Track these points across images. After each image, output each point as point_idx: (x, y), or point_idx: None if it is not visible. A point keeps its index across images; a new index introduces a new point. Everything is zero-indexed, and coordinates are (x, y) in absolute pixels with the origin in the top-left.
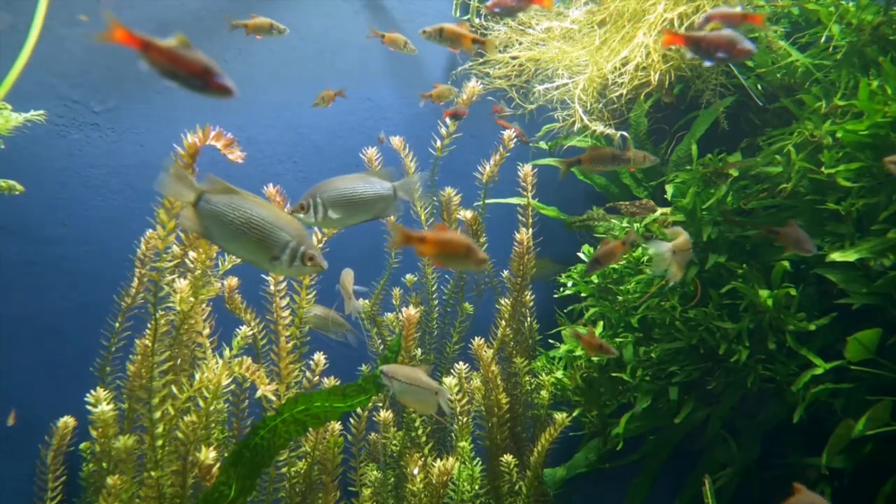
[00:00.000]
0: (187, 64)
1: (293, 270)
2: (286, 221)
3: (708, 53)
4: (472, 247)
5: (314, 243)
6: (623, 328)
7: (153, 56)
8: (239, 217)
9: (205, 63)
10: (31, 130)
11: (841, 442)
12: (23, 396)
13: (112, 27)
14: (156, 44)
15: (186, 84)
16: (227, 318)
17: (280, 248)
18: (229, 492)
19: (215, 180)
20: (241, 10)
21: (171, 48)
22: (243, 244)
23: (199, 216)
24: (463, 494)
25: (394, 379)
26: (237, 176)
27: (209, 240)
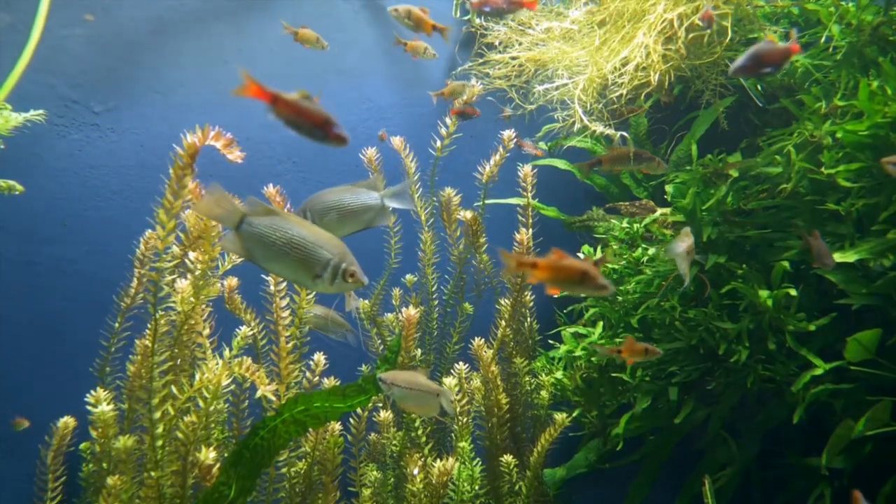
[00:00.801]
0: (311, 116)
1: (335, 287)
2: (326, 239)
3: None
4: (588, 271)
5: (354, 259)
6: (623, 328)
7: (280, 108)
8: (280, 238)
9: (325, 115)
10: (31, 130)
11: (841, 442)
12: (23, 396)
13: (246, 82)
14: (283, 97)
15: (309, 134)
16: (227, 318)
17: (322, 265)
18: (229, 492)
19: (256, 202)
20: (241, 11)
21: (297, 101)
22: (286, 264)
23: (241, 239)
24: (463, 494)
25: (393, 385)
26: (237, 176)
27: (252, 261)
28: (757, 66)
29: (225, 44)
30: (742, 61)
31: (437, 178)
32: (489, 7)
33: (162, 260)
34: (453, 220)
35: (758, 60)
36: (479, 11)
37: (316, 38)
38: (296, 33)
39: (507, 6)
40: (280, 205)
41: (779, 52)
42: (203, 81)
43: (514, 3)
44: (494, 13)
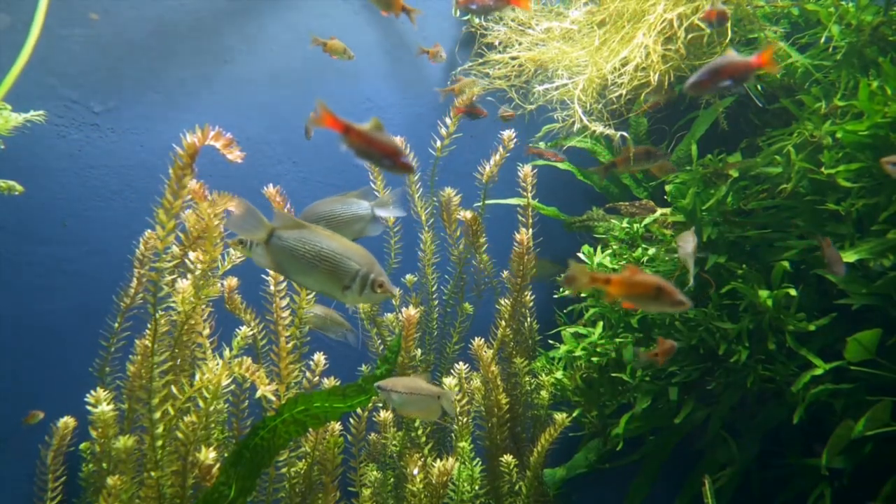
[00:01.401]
0: (381, 146)
1: (364, 298)
2: (355, 251)
3: None
4: (663, 286)
5: (382, 270)
6: (623, 328)
7: (352, 138)
8: (310, 250)
9: (394, 145)
10: (31, 131)
11: (841, 442)
12: (23, 396)
13: (321, 113)
14: (355, 128)
15: (378, 162)
16: (227, 318)
17: (351, 277)
18: (229, 492)
19: (284, 216)
20: (241, 11)
21: (367, 132)
22: (315, 276)
23: (271, 253)
24: (463, 495)
25: (392, 392)
26: (237, 176)
27: (282, 274)
28: (713, 81)
29: (225, 44)
30: (697, 76)
31: (437, 178)
32: (475, 5)
33: (162, 260)
34: (453, 220)
35: (714, 75)
36: (466, 9)
37: (343, 49)
38: (324, 44)
39: (494, 3)
40: (280, 205)
41: (737, 65)
42: (203, 81)
43: (501, 1)
44: (481, 10)
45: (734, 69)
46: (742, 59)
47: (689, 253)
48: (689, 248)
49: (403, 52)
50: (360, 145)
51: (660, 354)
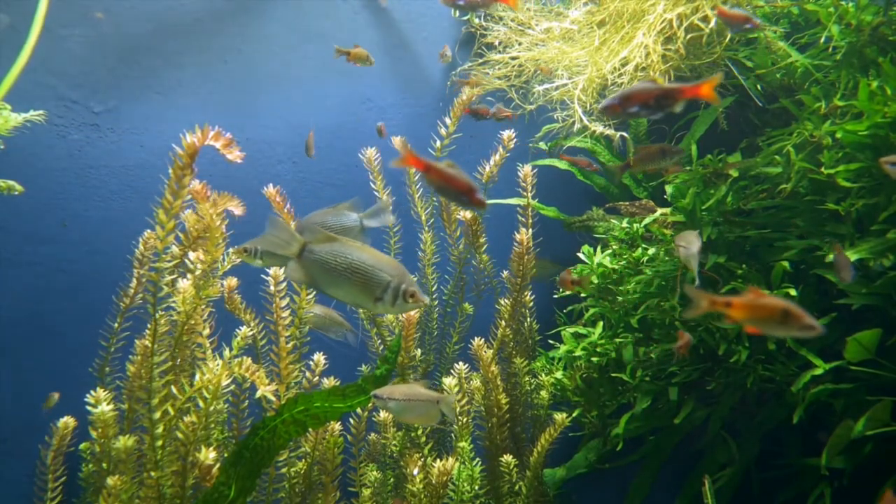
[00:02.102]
0: (457, 183)
1: (396, 308)
2: (385, 262)
3: None
4: (791, 310)
5: (413, 280)
6: (623, 328)
7: (432, 175)
8: (341, 263)
9: (468, 183)
10: (31, 131)
11: (841, 442)
12: (23, 396)
13: (405, 154)
14: (435, 166)
15: (454, 198)
16: (226, 319)
17: (382, 288)
18: (229, 492)
19: (316, 230)
20: (241, 11)
21: (446, 170)
22: (347, 289)
23: (303, 267)
24: (463, 495)
25: (390, 399)
26: (237, 176)
27: (314, 288)
28: (624, 106)
29: (225, 44)
30: (609, 100)
31: None
32: (463, 1)
33: (161, 260)
34: (453, 220)
35: (626, 100)
36: (453, 5)
37: (366, 56)
38: (348, 53)
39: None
40: (280, 205)
41: (651, 93)
42: (203, 81)
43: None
44: (469, 6)
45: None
46: (655, 87)
47: (693, 254)
48: (695, 249)
49: (403, 52)
50: (439, 182)
51: (682, 348)
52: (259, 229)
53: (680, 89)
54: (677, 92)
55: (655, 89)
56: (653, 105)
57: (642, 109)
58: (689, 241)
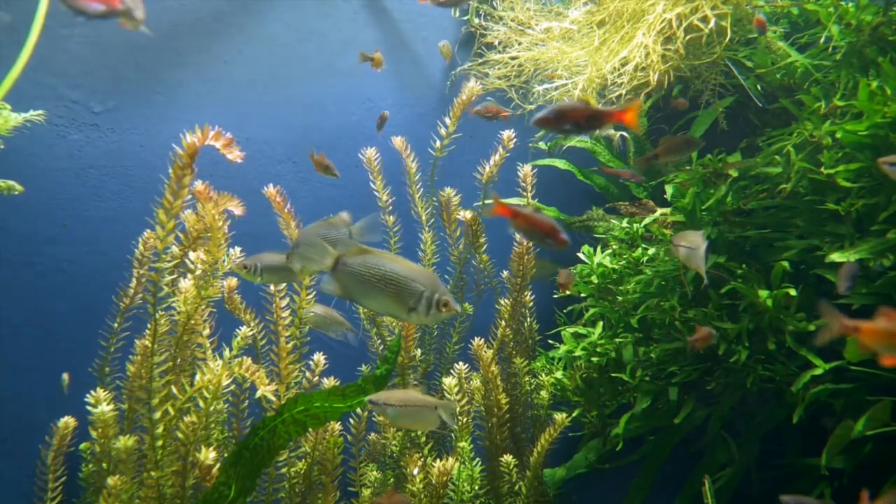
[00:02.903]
0: (542, 226)
1: (430, 318)
2: (418, 272)
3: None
4: None
5: (446, 289)
6: (623, 328)
7: (518, 221)
8: (375, 274)
9: (552, 224)
10: (31, 131)
11: (840, 442)
12: (23, 396)
13: (495, 205)
14: (521, 212)
15: (539, 240)
16: (226, 319)
17: (416, 298)
18: (229, 492)
19: (349, 243)
20: (241, 11)
21: (531, 215)
22: (381, 300)
23: (338, 280)
24: (462, 495)
25: (386, 405)
26: (237, 176)
27: (349, 299)
28: (558, 121)
29: (225, 44)
30: (544, 113)
31: (436, 178)
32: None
33: (161, 260)
34: (453, 220)
35: (560, 116)
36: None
37: (382, 61)
38: (372, 59)
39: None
40: (280, 205)
41: (583, 112)
42: (203, 81)
43: None
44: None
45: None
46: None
47: (701, 256)
48: (702, 252)
49: (403, 52)
50: (525, 227)
51: (698, 341)
52: (259, 229)
53: (608, 112)
54: (605, 115)
55: (586, 109)
56: (583, 124)
57: (573, 127)
58: (692, 241)
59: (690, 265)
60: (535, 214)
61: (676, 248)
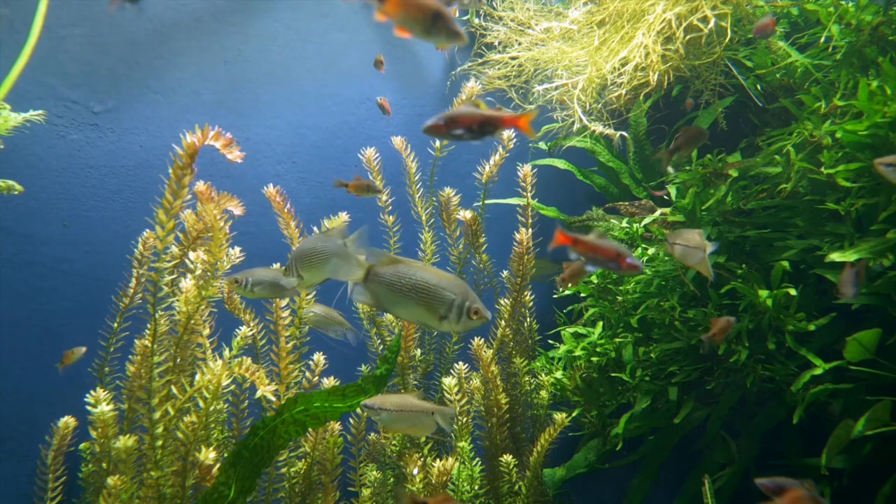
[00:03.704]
0: (605, 252)
1: (461, 326)
2: (448, 280)
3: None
4: None
5: (476, 296)
6: (622, 328)
7: (580, 247)
8: (406, 284)
9: (617, 249)
10: (31, 131)
11: (840, 442)
12: (23, 396)
13: (558, 236)
14: (582, 239)
15: (604, 265)
16: (226, 319)
17: (447, 306)
18: (229, 492)
19: (380, 254)
20: (241, 11)
21: (593, 241)
22: (412, 309)
23: (369, 290)
24: (462, 494)
25: (381, 410)
26: (236, 176)
27: (380, 309)
28: (449, 127)
29: (225, 44)
30: (435, 120)
31: (436, 178)
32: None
33: (161, 260)
34: (453, 220)
35: (451, 122)
36: None
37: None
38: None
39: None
40: (280, 205)
41: (475, 118)
42: (203, 82)
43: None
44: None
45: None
46: (476, 112)
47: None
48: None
49: (403, 52)
50: (588, 252)
51: (717, 334)
52: (259, 229)
53: (501, 118)
54: (498, 120)
55: (479, 115)
56: (476, 130)
57: (466, 133)
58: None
59: (686, 263)
60: (598, 241)
61: (672, 246)
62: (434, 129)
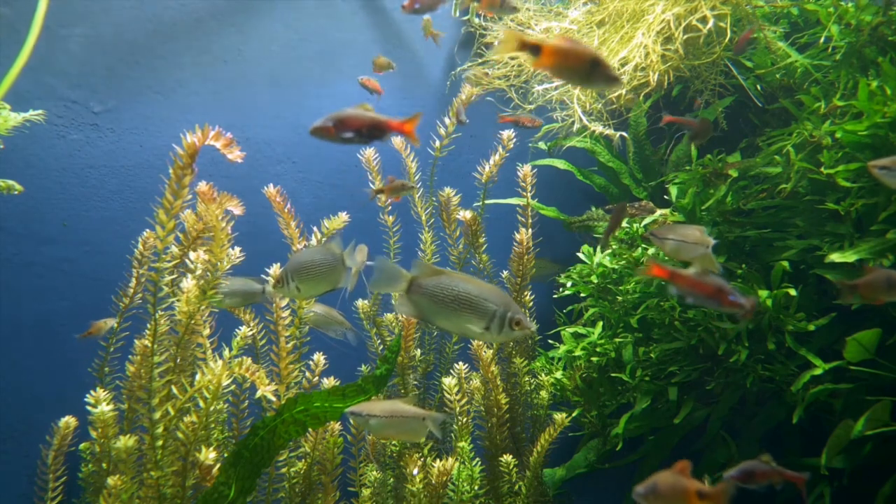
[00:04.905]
0: (705, 288)
1: (503, 336)
2: (491, 292)
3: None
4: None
5: (518, 307)
6: (622, 328)
7: (678, 281)
8: (448, 295)
9: (716, 285)
10: (31, 130)
11: (840, 442)
12: (23, 396)
13: (649, 264)
14: (679, 273)
15: (703, 302)
16: (226, 319)
17: (489, 317)
18: (229, 492)
19: (423, 265)
20: (241, 11)
21: (692, 276)
22: (455, 320)
23: (411, 301)
24: (462, 495)
25: (370, 416)
26: (237, 176)
27: (423, 320)
28: (338, 129)
29: (225, 44)
30: (323, 122)
31: (436, 178)
32: (419, 4)
33: (161, 260)
34: (453, 220)
35: (340, 124)
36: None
37: (388, 63)
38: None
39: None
40: (280, 205)
41: (364, 121)
42: (203, 81)
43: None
44: (424, 8)
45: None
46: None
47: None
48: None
49: (403, 52)
50: (686, 287)
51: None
52: (259, 229)
53: (389, 122)
54: (387, 124)
55: (367, 118)
56: (364, 133)
57: (354, 135)
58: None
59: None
60: (698, 276)
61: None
62: (322, 130)
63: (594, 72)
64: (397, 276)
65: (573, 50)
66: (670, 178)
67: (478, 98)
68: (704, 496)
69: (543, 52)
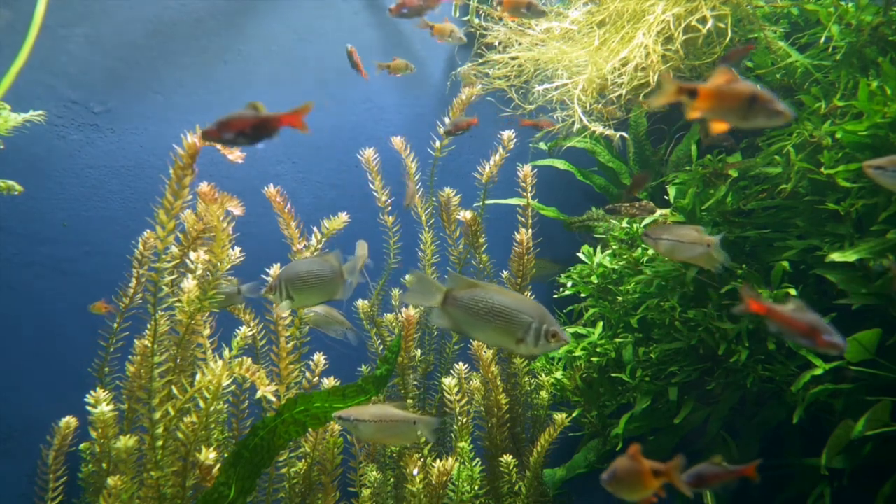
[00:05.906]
0: (799, 326)
1: (539, 349)
2: (525, 304)
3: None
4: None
5: (553, 319)
6: (622, 329)
7: (774, 318)
8: (483, 307)
9: (813, 323)
10: (31, 131)
11: (840, 442)
12: (23, 396)
13: (749, 303)
14: (776, 310)
15: (795, 339)
16: (226, 319)
17: (524, 329)
18: (229, 492)
19: (458, 278)
20: (241, 11)
21: (787, 313)
22: (490, 332)
23: (446, 314)
24: (462, 495)
25: (358, 421)
26: (237, 176)
27: (458, 333)
28: (221, 132)
29: (225, 44)
30: (209, 126)
31: (436, 178)
32: (406, 9)
33: (161, 260)
34: (453, 220)
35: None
36: (399, 14)
37: (406, 65)
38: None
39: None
40: (280, 205)
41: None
42: (203, 82)
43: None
44: (412, 12)
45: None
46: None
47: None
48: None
49: (403, 52)
50: (781, 324)
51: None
52: (259, 229)
53: (276, 118)
54: (273, 120)
55: (252, 117)
56: (249, 133)
57: (240, 136)
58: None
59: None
60: (794, 314)
61: (656, 242)
62: (208, 134)
63: (754, 108)
64: (433, 289)
65: (729, 90)
66: (670, 178)
67: (478, 98)
68: (659, 473)
69: (700, 96)
